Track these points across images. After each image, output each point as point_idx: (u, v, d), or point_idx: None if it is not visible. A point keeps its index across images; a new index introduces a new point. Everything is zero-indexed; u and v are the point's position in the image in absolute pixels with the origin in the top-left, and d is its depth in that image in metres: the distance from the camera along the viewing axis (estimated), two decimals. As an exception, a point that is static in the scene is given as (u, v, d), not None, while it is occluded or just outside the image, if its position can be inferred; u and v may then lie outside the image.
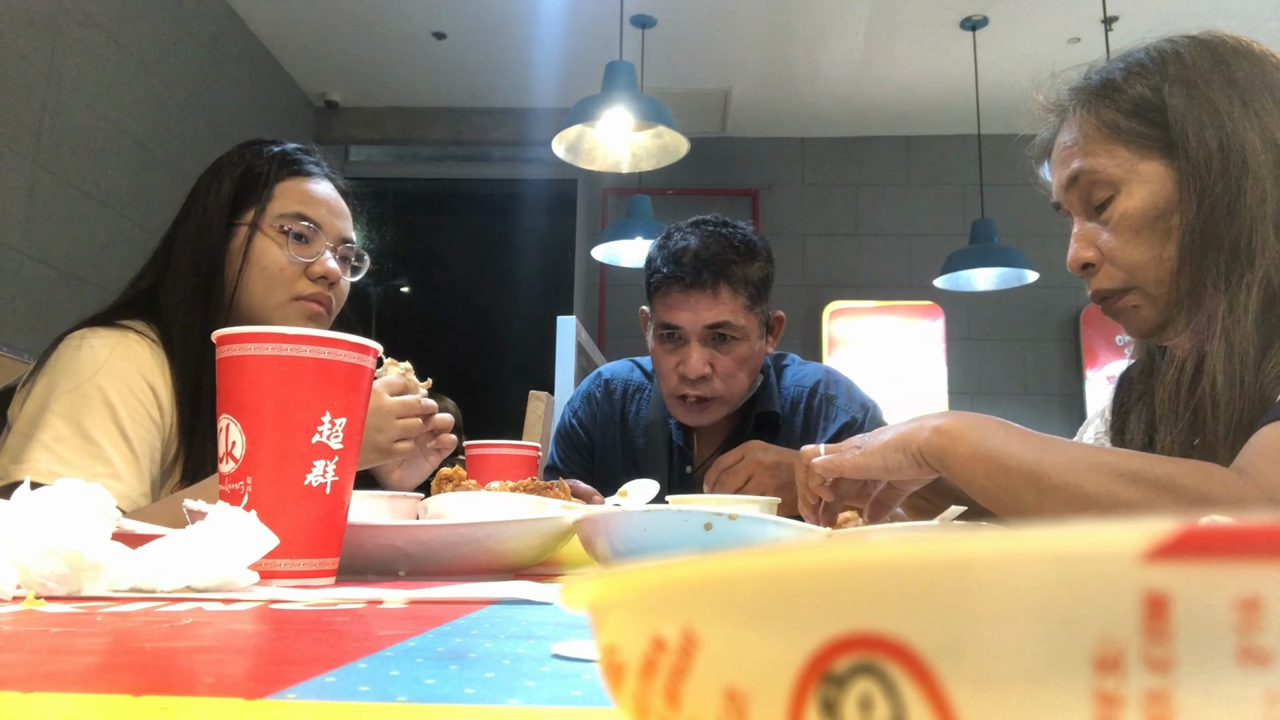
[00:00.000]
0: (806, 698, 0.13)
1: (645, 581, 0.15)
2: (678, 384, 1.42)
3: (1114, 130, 0.87)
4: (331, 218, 1.17)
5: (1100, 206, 0.88)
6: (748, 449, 1.28)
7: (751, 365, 1.44)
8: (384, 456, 0.98)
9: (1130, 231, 0.86)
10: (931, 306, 4.62)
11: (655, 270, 1.43)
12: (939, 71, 4.26)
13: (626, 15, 3.59)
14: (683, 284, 1.38)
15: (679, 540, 0.69)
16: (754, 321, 1.41)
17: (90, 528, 0.49)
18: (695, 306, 1.38)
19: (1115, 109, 0.87)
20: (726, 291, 1.37)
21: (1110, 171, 0.87)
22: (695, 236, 1.40)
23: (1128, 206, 0.86)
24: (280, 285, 1.12)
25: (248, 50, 4.12)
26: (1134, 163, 0.86)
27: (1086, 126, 0.89)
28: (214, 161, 1.19)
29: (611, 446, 1.57)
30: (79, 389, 1.01)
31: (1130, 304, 0.89)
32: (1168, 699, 0.11)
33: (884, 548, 0.13)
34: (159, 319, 1.11)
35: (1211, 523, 0.11)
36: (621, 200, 4.57)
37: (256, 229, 1.12)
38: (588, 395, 1.63)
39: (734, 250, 1.39)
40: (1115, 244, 0.88)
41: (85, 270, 3.04)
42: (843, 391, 1.52)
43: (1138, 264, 0.87)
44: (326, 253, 1.15)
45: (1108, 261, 0.89)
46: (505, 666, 0.31)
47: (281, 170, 1.16)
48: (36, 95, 2.83)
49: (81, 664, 0.30)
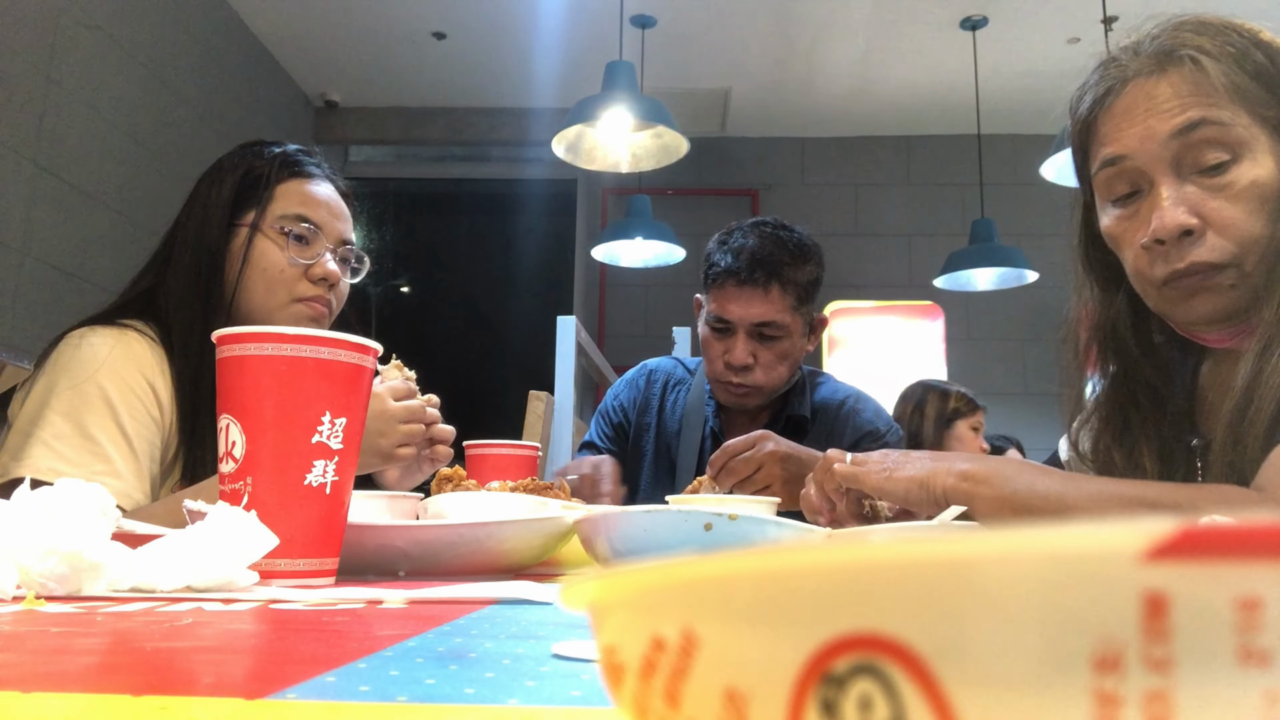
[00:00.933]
0: (806, 698, 0.13)
1: (645, 581, 0.15)
2: (723, 370, 1.52)
3: (1237, 91, 0.78)
4: (332, 219, 1.17)
5: (1212, 169, 0.79)
6: (760, 438, 1.30)
7: (793, 360, 1.53)
8: (385, 461, 0.98)
9: (1256, 201, 0.78)
10: (931, 306, 4.62)
11: (713, 264, 1.52)
12: (939, 71, 4.26)
13: (626, 15, 3.59)
14: (737, 279, 1.47)
15: (679, 540, 0.69)
16: (798, 321, 1.50)
17: (90, 528, 0.49)
18: (747, 302, 1.47)
19: (1240, 68, 0.78)
20: (776, 290, 1.46)
21: (1237, 132, 0.78)
22: (754, 236, 1.50)
23: (1257, 175, 0.78)
24: (280, 287, 1.12)
25: (248, 50, 4.12)
26: (1255, 130, 0.78)
27: (1209, 78, 0.79)
28: (215, 162, 1.19)
29: (646, 429, 1.67)
30: (79, 387, 1.01)
31: (1226, 282, 0.80)
32: (1167, 699, 0.11)
33: (884, 548, 0.13)
34: (159, 319, 1.11)
35: (1211, 523, 0.11)
36: (621, 200, 4.57)
37: (257, 230, 1.12)
38: (631, 381, 1.73)
39: (788, 252, 1.48)
40: (1235, 213, 0.78)
41: (85, 270, 3.04)
42: (870, 407, 1.61)
43: (1253, 239, 0.78)
44: (327, 254, 1.15)
45: (1214, 231, 0.79)
46: (505, 666, 0.31)
47: (282, 171, 1.16)
48: (36, 95, 2.83)
49: (81, 664, 0.30)
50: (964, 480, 0.81)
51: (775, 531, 0.72)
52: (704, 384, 1.63)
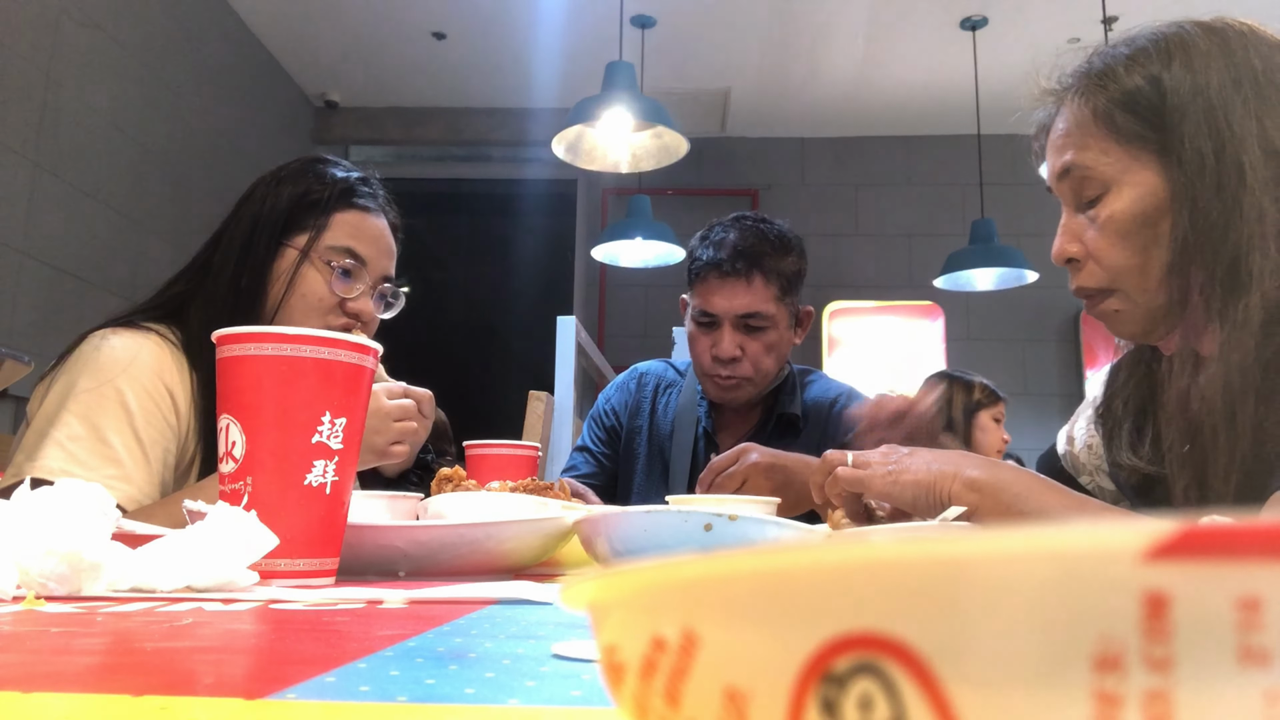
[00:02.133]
0: (806, 697, 0.13)
1: (645, 581, 0.15)
2: (711, 364, 1.51)
3: (1109, 124, 0.83)
4: (379, 256, 1.17)
5: (1090, 202, 0.85)
6: (743, 452, 1.30)
7: (779, 352, 1.53)
8: (380, 459, 0.98)
9: (1117, 234, 0.83)
10: (931, 306, 4.62)
11: (695, 259, 1.53)
12: (939, 71, 4.26)
13: (626, 15, 3.59)
14: (720, 271, 1.47)
15: (679, 540, 0.69)
16: (784, 312, 1.51)
17: (90, 528, 0.49)
18: (730, 294, 1.47)
19: (1110, 100, 0.83)
20: (760, 281, 1.47)
21: (1102, 170, 0.83)
22: (734, 230, 1.51)
23: (1116, 208, 0.83)
24: (315, 316, 1.12)
25: (248, 50, 4.12)
26: (1127, 162, 0.83)
27: (1081, 116, 0.85)
28: (271, 173, 1.18)
29: (639, 432, 1.67)
30: (97, 389, 1.01)
31: (1112, 308, 0.86)
32: (1167, 698, 0.11)
33: (884, 548, 0.13)
34: (185, 325, 1.11)
35: (1211, 522, 0.11)
36: (621, 200, 4.57)
37: (306, 258, 1.12)
38: (622, 385, 1.73)
39: (769, 243, 1.49)
40: (1101, 244, 0.84)
41: (85, 270, 3.03)
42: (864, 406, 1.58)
43: (1122, 268, 0.84)
44: (367, 291, 1.15)
45: (1092, 260, 0.86)
46: (505, 666, 0.31)
47: (340, 200, 1.15)
48: (36, 95, 2.83)
49: (81, 664, 0.30)
50: (971, 490, 0.81)
51: (775, 531, 0.72)
52: (695, 385, 1.62)
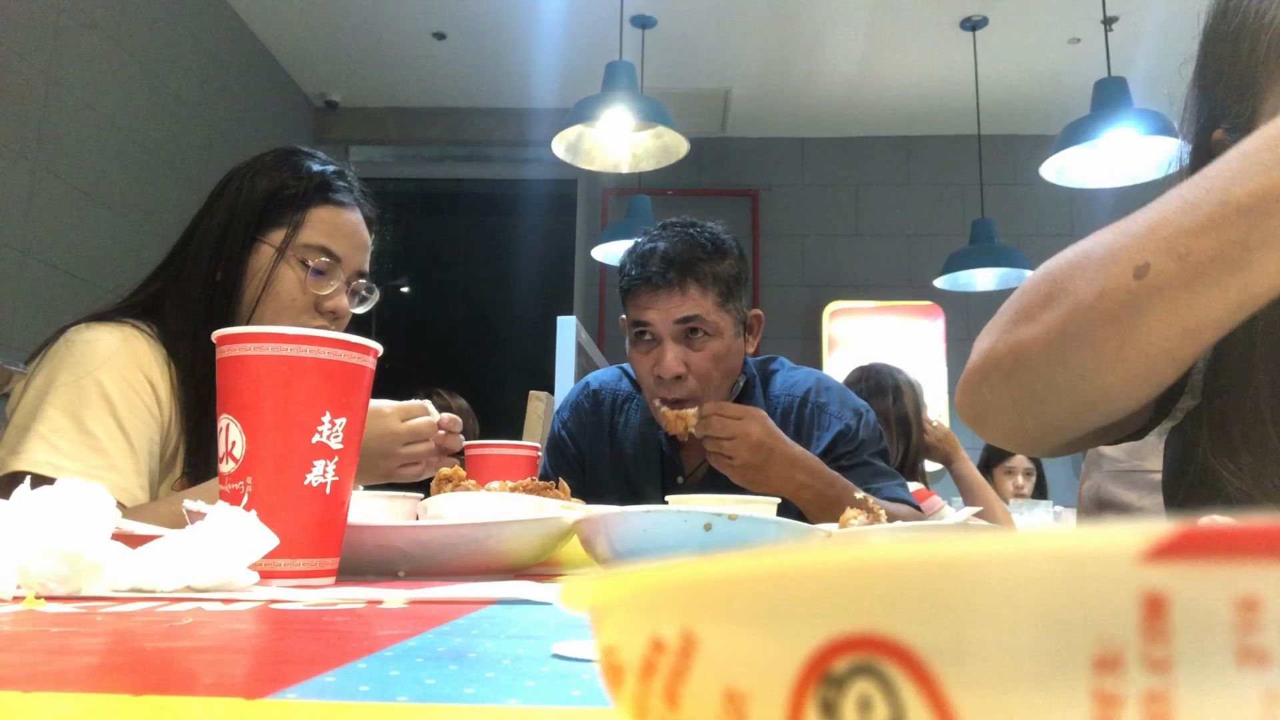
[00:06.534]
0: (806, 698, 0.13)
1: (645, 582, 0.15)
2: (655, 386, 1.41)
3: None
4: (353, 252, 1.16)
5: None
6: (748, 415, 1.28)
7: (727, 364, 1.42)
8: (388, 478, 0.99)
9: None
10: (931, 307, 4.62)
11: (625, 275, 1.44)
12: (939, 72, 4.26)
13: (626, 15, 3.59)
14: (651, 285, 1.38)
15: (679, 541, 0.69)
16: (727, 319, 1.40)
17: (90, 528, 0.49)
18: (664, 305, 1.38)
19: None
20: (695, 289, 1.38)
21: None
22: (662, 239, 1.42)
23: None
24: (288, 314, 1.11)
25: (248, 50, 4.12)
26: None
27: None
28: (246, 164, 1.17)
29: (601, 459, 1.56)
30: (77, 382, 1.01)
31: None
32: (1167, 699, 0.11)
33: (883, 548, 0.13)
34: (162, 321, 1.11)
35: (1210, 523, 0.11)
36: (621, 200, 4.57)
37: (282, 256, 1.11)
38: (576, 406, 1.61)
39: (700, 249, 1.39)
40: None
41: (85, 270, 3.04)
42: (834, 399, 1.50)
43: None
44: (341, 288, 1.15)
45: None
46: (505, 666, 0.31)
47: (315, 195, 1.14)
48: (36, 95, 2.83)
49: (81, 664, 0.30)
50: None
51: (775, 532, 0.72)
52: None
